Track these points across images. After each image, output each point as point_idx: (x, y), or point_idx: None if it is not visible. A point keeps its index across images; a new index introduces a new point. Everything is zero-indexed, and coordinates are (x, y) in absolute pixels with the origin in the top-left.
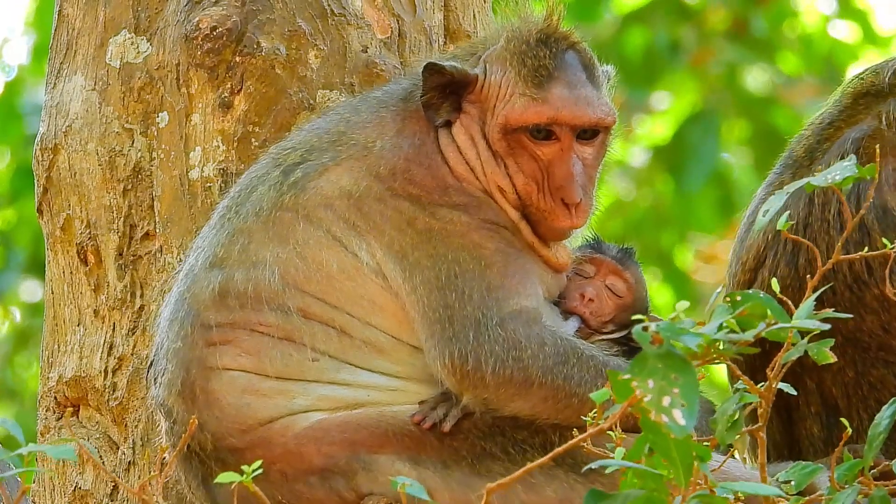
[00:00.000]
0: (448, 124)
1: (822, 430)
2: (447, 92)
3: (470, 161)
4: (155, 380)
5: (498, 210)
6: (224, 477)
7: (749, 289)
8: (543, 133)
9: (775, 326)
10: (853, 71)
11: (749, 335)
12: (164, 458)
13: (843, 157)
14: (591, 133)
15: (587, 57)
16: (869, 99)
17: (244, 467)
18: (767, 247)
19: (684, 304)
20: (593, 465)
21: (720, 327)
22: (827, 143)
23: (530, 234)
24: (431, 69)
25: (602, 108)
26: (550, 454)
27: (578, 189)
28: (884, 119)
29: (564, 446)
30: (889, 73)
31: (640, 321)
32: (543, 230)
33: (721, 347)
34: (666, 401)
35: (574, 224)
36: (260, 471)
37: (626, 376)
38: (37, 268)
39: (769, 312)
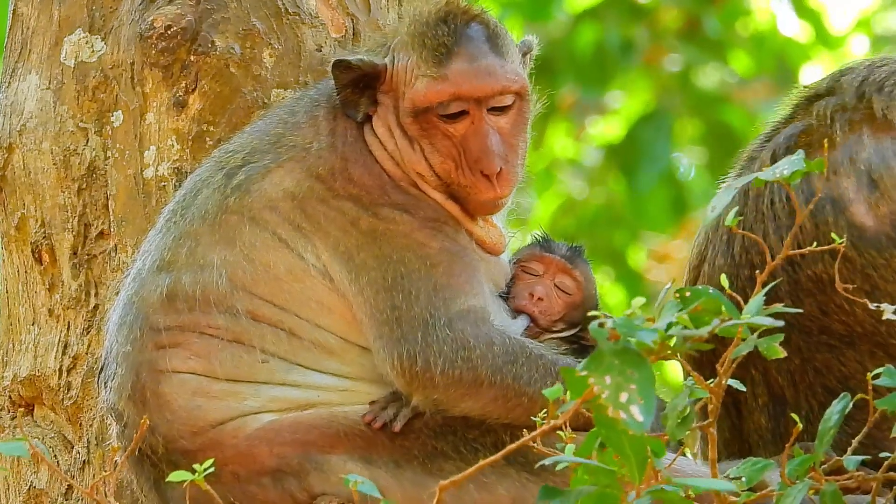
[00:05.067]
0: (370, 119)
1: (769, 422)
2: (361, 87)
3: (392, 153)
4: (105, 384)
5: (436, 206)
6: (176, 476)
7: (694, 285)
8: (452, 111)
9: (729, 323)
10: (805, 70)
11: (703, 331)
12: (116, 460)
13: (774, 153)
14: (502, 103)
15: (491, 28)
16: (808, 102)
17: (195, 466)
18: (709, 242)
19: (640, 300)
20: (546, 462)
21: (673, 324)
22: (769, 142)
23: (460, 213)
24: (339, 66)
25: (506, 75)
26: (503, 451)
27: (496, 159)
28: (815, 115)
29: (517, 443)
30: (828, 78)
31: (593, 318)
32: (472, 206)
33: (675, 344)
34: (623, 397)
35: (499, 194)
36: (212, 469)
37: (583, 373)
38: None
39: (722, 308)
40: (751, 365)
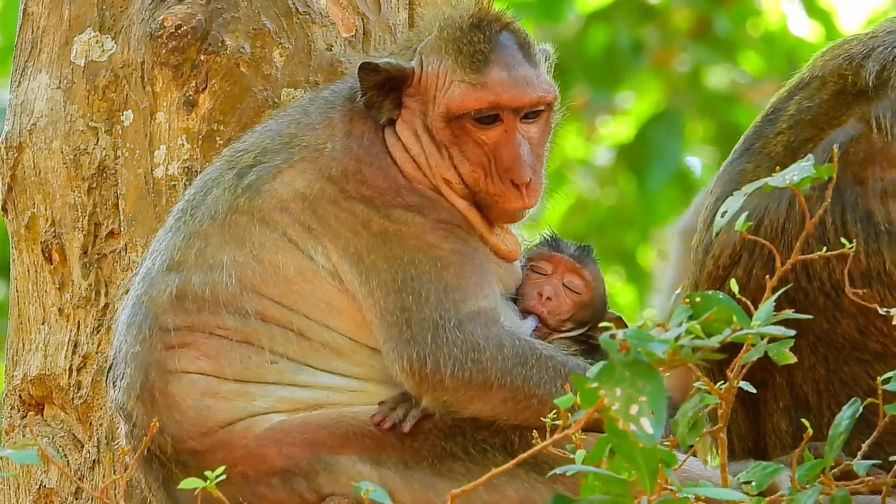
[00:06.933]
0: (393, 122)
1: (789, 426)
2: (386, 89)
3: (416, 156)
4: (114, 383)
5: (450, 208)
6: (188, 483)
7: (722, 286)
8: (487, 118)
9: (741, 332)
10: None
11: (714, 341)
12: (126, 461)
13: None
14: (534, 112)
15: (522, 36)
16: (850, 98)
17: (207, 472)
18: (744, 246)
19: (652, 310)
20: (558, 471)
21: (683, 334)
22: (810, 144)
23: (479, 220)
24: (366, 69)
25: (542, 85)
26: (515, 460)
27: (527, 169)
28: (873, 123)
29: (528, 452)
30: (872, 75)
31: (602, 319)
32: (495, 214)
33: (684, 354)
34: (634, 409)
35: (526, 204)
36: (223, 477)
37: (593, 384)
38: (1, 267)
39: (734, 318)
40: (775, 371)
